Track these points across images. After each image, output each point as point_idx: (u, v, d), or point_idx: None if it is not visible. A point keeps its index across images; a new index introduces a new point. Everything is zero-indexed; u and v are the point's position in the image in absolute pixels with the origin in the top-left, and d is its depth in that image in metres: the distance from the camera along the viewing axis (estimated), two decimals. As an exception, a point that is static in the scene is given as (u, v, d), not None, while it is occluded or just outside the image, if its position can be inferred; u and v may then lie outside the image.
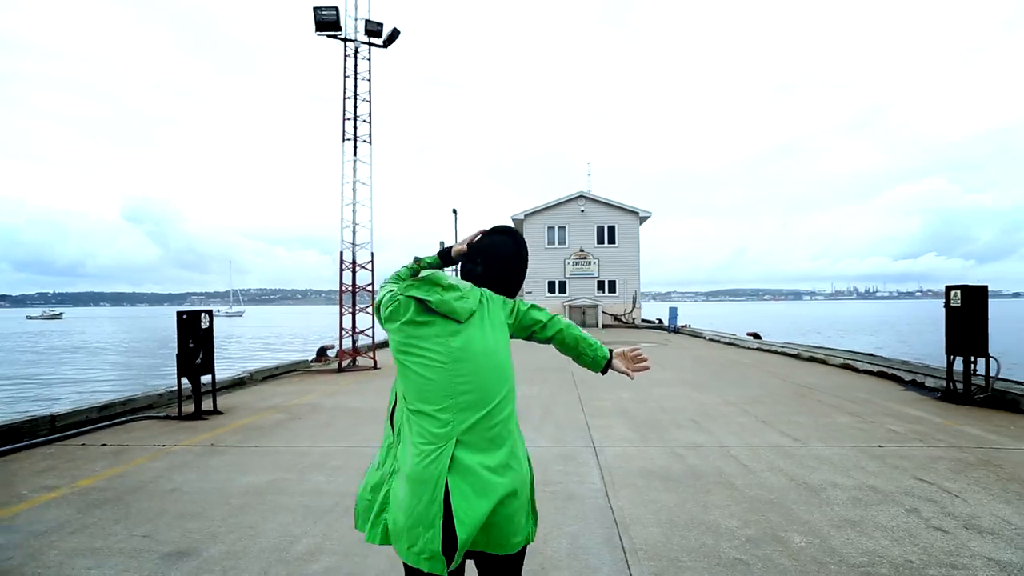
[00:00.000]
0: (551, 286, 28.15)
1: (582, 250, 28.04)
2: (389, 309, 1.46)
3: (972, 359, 6.37)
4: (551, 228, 28.29)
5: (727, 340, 16.12)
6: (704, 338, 17.96)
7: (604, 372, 1.67)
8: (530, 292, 28.11)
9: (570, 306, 26.22)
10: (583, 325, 26.98)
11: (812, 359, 10.75)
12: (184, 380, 5.82)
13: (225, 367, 12.64)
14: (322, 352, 11.09)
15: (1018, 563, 2.52)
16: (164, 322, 69.46)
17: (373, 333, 10.46)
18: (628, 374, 1.64)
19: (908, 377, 7.91)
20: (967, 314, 6.37)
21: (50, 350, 28.96)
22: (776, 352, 12.55)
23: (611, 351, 1.68)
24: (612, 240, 27.97)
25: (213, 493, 3.56)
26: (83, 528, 3.01)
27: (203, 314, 5.94)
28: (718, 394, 7.13)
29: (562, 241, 28.32)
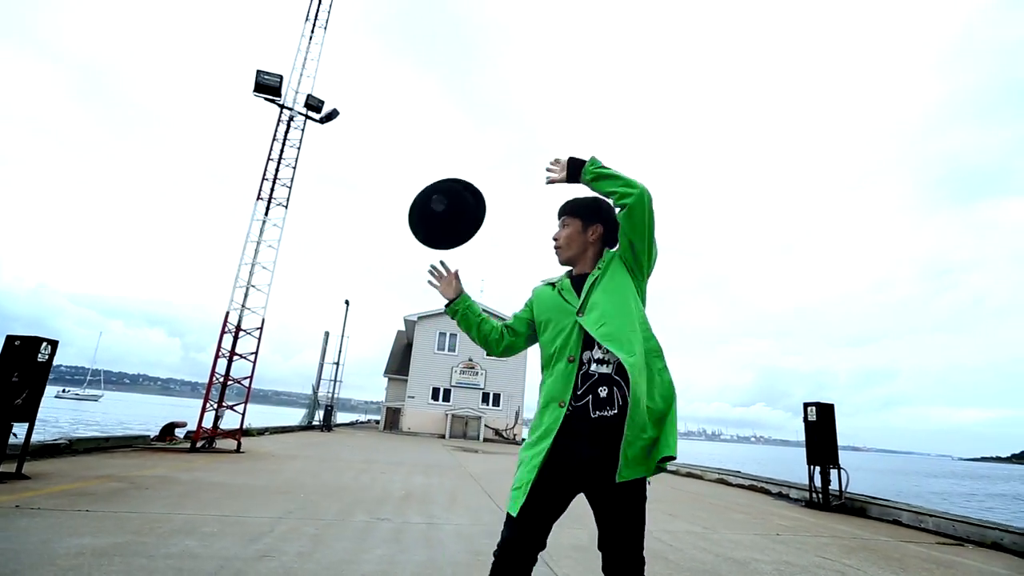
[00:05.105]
0: (435, 393, 27.09)
1: (471, 360, 27.89)
2: None
3: (827, 469, 7.22)
4: (442, 334, 28.02)
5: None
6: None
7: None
8: (413, 396, 26.80)
9: (453, 415, 25.29)
10: (464, 436, 25.92)
11: (689, 474, 11.33)
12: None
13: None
14: (168, 430, 9.18)
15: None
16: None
17: (244, 411, 9.02)
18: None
19: (775, 490, 8.64)
20: (821, 427, 7.35)
21: None
22: (655, 468, 13.06)
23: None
24: (501, 353, 28.35)
25: (30, 555, 2.59)
26: None
27: (44, 343, 4.77)
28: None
29: (452, 348, 28.01)
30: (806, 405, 7.73)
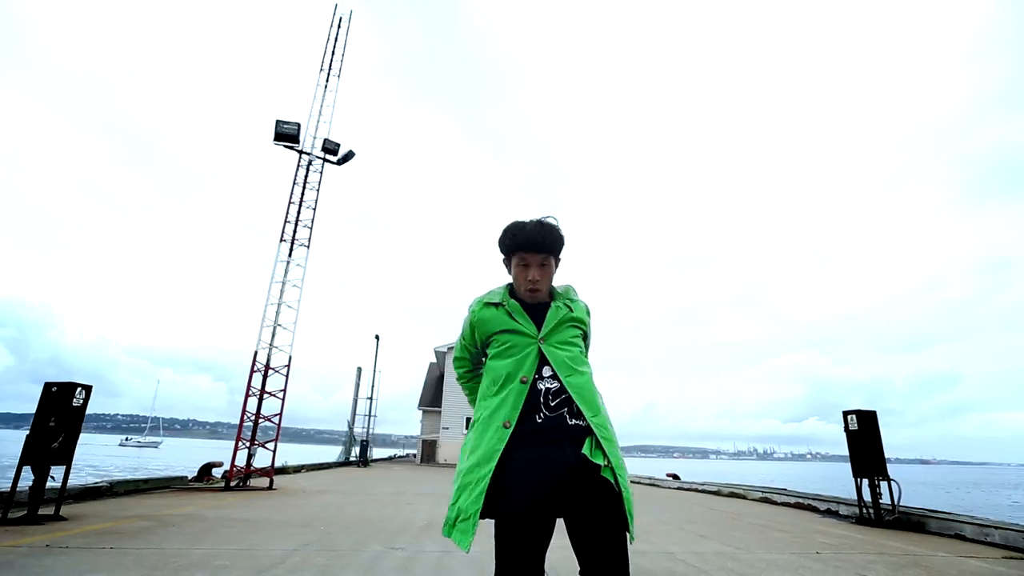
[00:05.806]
0: (468, 422, 26.90)
1: (504, 387, 27.63)
2: None
3: (876, 482, 6.73)
4: (474, 362, 27.97)
5: (647, 481, 15.86)
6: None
7: None
8: (447, 428, 26.72)
9: (489, 444, 24.96)
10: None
11: (732, 494, 10.77)
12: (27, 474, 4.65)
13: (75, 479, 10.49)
14: (207, 470, 9.43)
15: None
16: (7, 447, 49.78)
17: (275, 448, 9.19)
18: None
19: (823, 507, 8.10)
20: (864, 436, 6.90)
21: None
22: (697, 490, 12.47)
23: None
24: (533, 380, 28.02)
25: (45, 590, 2.68)
26: None
27: (79, 388, 5.02)
28: (650, 516, 6.82)
29: (484, 377, 27.89)
30: (845, 414, 7.28)
